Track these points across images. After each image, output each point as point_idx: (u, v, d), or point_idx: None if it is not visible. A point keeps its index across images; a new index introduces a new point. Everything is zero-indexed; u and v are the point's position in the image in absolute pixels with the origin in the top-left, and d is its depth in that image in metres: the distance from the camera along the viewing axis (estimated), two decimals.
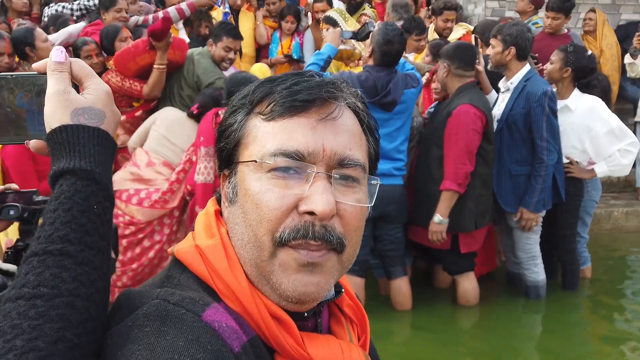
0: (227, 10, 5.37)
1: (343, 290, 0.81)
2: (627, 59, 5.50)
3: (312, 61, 3.47)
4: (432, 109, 3.82)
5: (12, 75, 0.77)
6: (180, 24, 4.47)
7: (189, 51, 3.98)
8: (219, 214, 0.79)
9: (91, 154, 0.68)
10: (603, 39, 5.54)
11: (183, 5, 3.66)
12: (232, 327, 0.66)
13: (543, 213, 3.62)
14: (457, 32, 5.09)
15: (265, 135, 0.71)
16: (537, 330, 3.70)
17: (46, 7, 5.31)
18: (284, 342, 0.69)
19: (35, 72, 0.76)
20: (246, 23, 5.63)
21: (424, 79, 3.96)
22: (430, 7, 6.05)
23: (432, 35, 5.26)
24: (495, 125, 3.60)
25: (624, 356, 3.32)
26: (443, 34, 5.03)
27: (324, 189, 0.69)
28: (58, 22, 4.81)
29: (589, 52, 3.66)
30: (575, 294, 3.99)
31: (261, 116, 0.73)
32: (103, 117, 0.71)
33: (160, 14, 4.29)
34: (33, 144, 0.75)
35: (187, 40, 4.62)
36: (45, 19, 5.13)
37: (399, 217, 3.49)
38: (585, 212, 4.00)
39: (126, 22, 4.26)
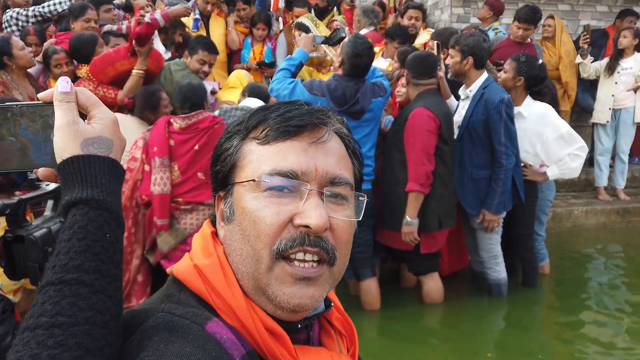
0: (198, 16, 5.41)
1: (332, 304, 0.86)
2: (578, 59, 5.70)
3: (283, 66, 3.56)
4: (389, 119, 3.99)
5: (17, 105, 0.78)
6: (155, 32, 4.51)
7: (165, 63, 4.09)
8: (214, 234, 0.83)
9: (102, 183, 0.70)
10: (562, 45, 5.75)
11: (157, 15, 3.70)
12: (231, 339, 0.70)
13: (504, 214, 3.80)
14: (423, 37, 5.26)
15: (261, 158, 0.77)
16: (500, 325, 3.87)
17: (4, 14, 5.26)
18: (278, 355, 0.73)
19: (41, 102, 0.77)
20: (217, 29, 5.68)
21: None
22: (397, 12, 6.22)
23: None
24: (456, 132, 3.76)
25: (582, 349, 3.50)
26: (410, 32, 5.19)
27: (317, 204, 0.74)
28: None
29: (540, 61, 3.84)
30: (535, 291, 4.18)
31: (256, 141, 0.78)
32: (111, 145, 0.74)
33: (133, 21, 4.33)
34: (42, 172, 0.78)
35: (162, 47, 4.69)
36: (5, 24, 5.09)
37: (367, 220, 3.61)
38: (541, 211, 4.20)
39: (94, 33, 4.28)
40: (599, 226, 5.78)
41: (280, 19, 6.34)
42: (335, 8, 6.59)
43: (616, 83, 5.75)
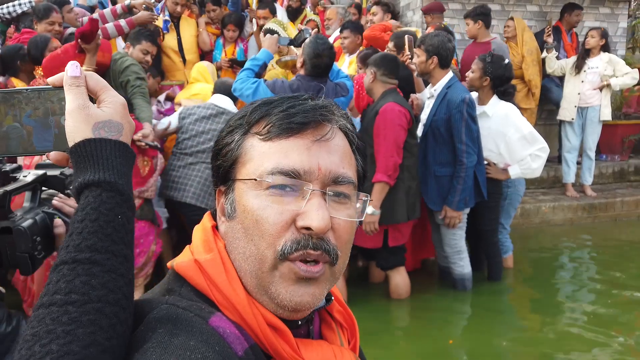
0: (167, 17, 5.41)
1: (333, 297, 0.86)
2: (543, 53, 5.82)
3: (247, 66, 3.60)
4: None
5: (27, 90, 0.79)
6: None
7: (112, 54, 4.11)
8: (214, 228, 0.82)
9: (114, 166, 0.71)
10: (524, 45, 5.89)
11: (122, 22, 3.73)
12: (234, 334, 0.70)
13: (467, 211, 3.89)
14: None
15: (263, 155, 0.75)
16: (465, 316, 3.97)
17: None
18: (280, 349, 0.73)
19: (51, 86, 0.78)
20: (188, 30, 5.69)
21: None
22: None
23: None
24: (421, 130, 3.84)
25: (546, 336, 3.61)
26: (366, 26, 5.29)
27: (319, 205, 0.73)
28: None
29: (506, 61, 3.94)
30: (500, 284, 4.28)
31: (258, 136, 0.76)
32: (121, 129, 0.75)
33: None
34: (54, 155, 0.81)
35: (122, 43, 4.67)
36: None
37: None
38: (511, 205, 4.32)
39: (58, 36, 4.28)
40: (566, 222, 5.91)
41: (255, 20, 6.37)
42: (308, 8, 6.63)
43: (582, 82, 5.89)
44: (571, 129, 6.02)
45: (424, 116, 3.86)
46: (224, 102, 3.94)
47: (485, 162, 3.92)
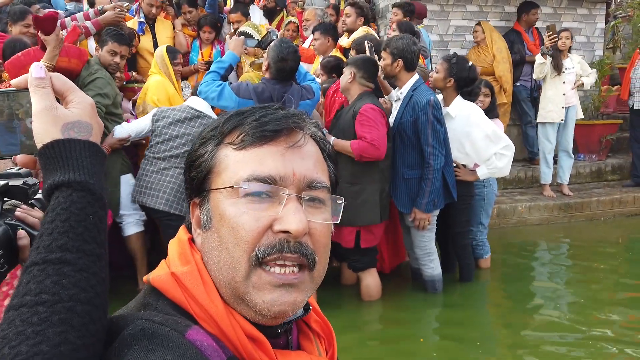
0: (142, 19, 5.39)
1: (311, 307, 0.86)
2: (539, 59, 5.78)
3: (212, 69, 3.58)
4: None
5: None
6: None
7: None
8: (191, 241, 0.81)
9: (84, 165, 0.71)
10: (493, 44, 5.96)
11: (88, 23, 3.69)
12: (212, 346, 0.70)
13: (436, 212, 3.90)
14: (359, 33, 5.32)
15: (237, 163, 0.76)
16: (436, 318, 3.99)
17: None
18: None
19: (14, 89, 0.77)
20: (164, 32, 5.66)
21: None
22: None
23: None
24: None
25: (521, 335, 3.64)
26: (342, 28, 5.31)
27: (296, 209, 0.74)
28: None
29: (470, 63, 3.96)
30: (473, 285, 4.31)
31: (232, 146, 0.77)
32: (91, 129, 0.74)
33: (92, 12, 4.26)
34: (20, 158, 0.82)
35: (93, 44, 4.62)
36: None
37: None
38: (489, 204, 4.36)
39: (33, 38, 4.24)
40: (542, 221, 5.95)
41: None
42: (284, 10, 6.63)
43: (564, 82, 5.94)
44: (552, 130, 6.04)
45: (391, 119, 3.87)
46: (201, 105, 3.81)
47: (454, 165, 3.94)
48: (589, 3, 7.19)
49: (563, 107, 5.96)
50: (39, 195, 1.14)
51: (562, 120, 5.98)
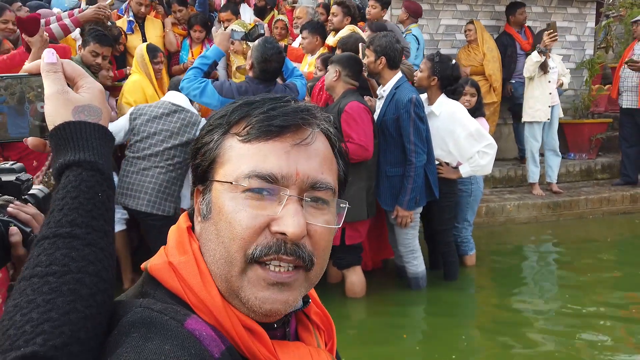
0: (131, 18, 5.41)
1: (310, 300, 0.85)
2: (535, 56, 5.75)
3: (195, 64, 3.58)
4: None
5: (2, 77, 0.80)
6: (77, 34, 4.51)
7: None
8: (190, 229, 0.81)
9: (94, 147, 0.73)
10: (484, 43, 5.98)
11: (67, 20, 3.69)
12: (211, 336, 0.70)
13: (419, 210, 3.93)
14: (345, 32, 5.33)
15: (241, 157, 0.75)
16: (419, 317, 4.01)
17: None
18: (257, 352, 0.72)
19: (27, 74, 0.80)
20: (153, 31, 5.68)
21: None
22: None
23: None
24: None
25: (507, 332, 3.67)
26: (329, 27, 5.35)
27: (295, 211, 0.72)
28: None
29: (454, 61, 3.99)
30: (459, 283, 4.33)
31: (237, 137, 0.76)
32: (100, 113, 0.77)
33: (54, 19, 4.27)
34: (31, 141, 0.82)
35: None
36: None
37: None
38: (475, 201, 4.39)
39: (10, 36, 4.25)
40: (531, 220, 5.97)
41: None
42: (274, 8, 6.65)
43: (549, 82, 5.96)
44: (539, 129, 6.07)
45: (375, 117, 3.90)
46: (179, 99, 3.78)
47: (437, 162, 3.97)
48: (579, 2, 7.22)
49: (550, 107, 5.99)
50: (32, 191, 1.15)
51: (548, 119, 6.01)
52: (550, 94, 5.95)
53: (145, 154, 3.68)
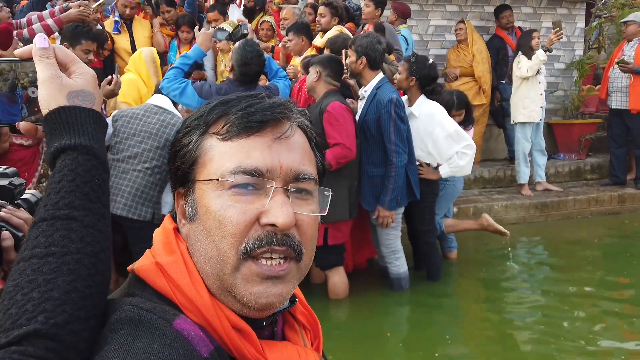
0: (117, 18, 5.41)
1: (297, 299, 0.86)
2: (542, 55, 5.73)
3: (176, 64, 3.58)
4: None
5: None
6: (57, 34, 4.50)
7: None
8: (176, 230, 0.81)
9: (89, 131, 0.74)
10: (474, 44, 5.98)
11: (49, 20, 3.69)
12: (199, 336, 0.70)
13: (401, 210, 3.93)
14: (332, 33, 5.34)
15: (223, 155, 0.75)
16: (403, 316, 4.02)
17: None
18: (245, 351, 0.73)
19: (18, 58, 0.80)
20: (141, 31, 5.70)
21: None
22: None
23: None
24: None
25: (493, 329, 3.70)
26: (316, 28, 5.36)
27: (283, 202, 0.74)
28: None
29: (430, 60, 4.01)
30: (441, 283, 4.33)
31: (217, 136, 0.76)
32: (94, 98, 0.77)
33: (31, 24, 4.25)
34: (23, 125, 0.82)
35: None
36: None
37: None
38: (445, 197, 4.38)
39: None
40: (519, 220, 5.97)
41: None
42: (264, 10, 6.66)
43: (539, 82, 5.97)
44: (530, 130, 6.07)
45: (357, 117, 3.91)
46: (163, 102, 3.73)
47: (418, 163, 3.97)
48: (568, 3, 7.22)
49: (541, 107, 6.00)
50: (25, 196, 1.14)
51: (540, 119, 6.02)
52: (541, 94, 5.97)
53: (124, 156, 3.62)
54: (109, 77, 3.65)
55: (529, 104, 5.97)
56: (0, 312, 0.65)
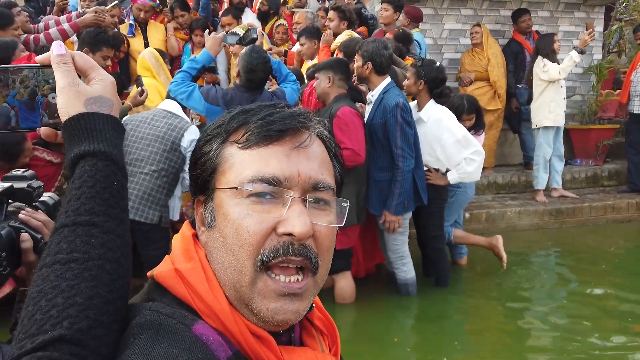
0: (132, 22, 5.49)
1: (314, 305, 0.86)
2: (576, 56, 5.64)
3: (184, 68, 3.61)
4: None
5: (14, 67, 0.81)
6: (75, 38, 4.58)
7: None
8: (195, 237, 0.82)
9: (107, 137, 0.75)
10: (489, 48, 5.93)
11: (65, 25, 3.75)
12: (218, 341, 0.71)
13: (408, 215, 3.91)
14: (342, 37, 5.34)
15: (242, 163, 0.76)
16: (411, 322, 3.99)
17: None
18: (264, 357, 0.73)
19: (39, 64, 0.82)
20: (156, 35, 5.77)
21: None
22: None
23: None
24: None
25: (499, 339, 3.64)
26: (324, 30, 5.36)
27: (300, 211, 0.74)
28: None
29: (438, 63, 3.98)
30: (449, 289, 4.28)
31: (237, 145, 0.77)
32: (112, 105, 0.78)
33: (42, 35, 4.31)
34: (44, 131, 0.89)
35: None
36: None
37: None
38: (455, 203, 4.34)
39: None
40: (532, 227, 5.88)
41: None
42: (278, 13, 6.69)
43: (561, 87, 5.89)
44: (552, 134, 5.97)
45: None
46: (172, 107, 3.78)
47: (426, 168, 3.94)
48: (586, 7, 7.10)
49: (564, 111, 5.93)
50: (43, 198, 1.16)
51: (564, 124, 5.94)
52: (564, 98, 5.90)
53: (131, 159, 3.66)
54: (139, 88, 3.72)
55: (554, 108, 5.87)
56: (25, 318, 0.66)
